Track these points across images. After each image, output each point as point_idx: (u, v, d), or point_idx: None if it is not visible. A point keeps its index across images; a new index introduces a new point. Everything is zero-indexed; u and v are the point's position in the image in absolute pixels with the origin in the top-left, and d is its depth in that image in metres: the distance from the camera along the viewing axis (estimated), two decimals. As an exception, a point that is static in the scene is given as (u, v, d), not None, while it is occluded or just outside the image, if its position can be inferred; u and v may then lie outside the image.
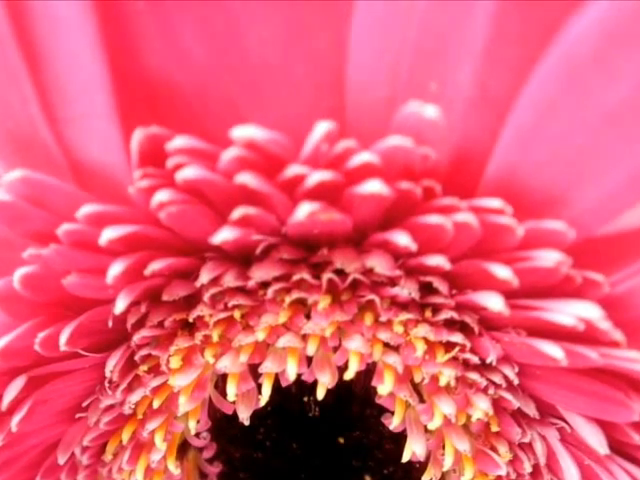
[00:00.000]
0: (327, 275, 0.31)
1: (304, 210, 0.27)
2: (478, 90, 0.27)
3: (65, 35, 0.26)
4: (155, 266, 0.30)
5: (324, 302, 0.31)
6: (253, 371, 0.34)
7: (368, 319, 0.32)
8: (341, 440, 0.41)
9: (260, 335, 0.32)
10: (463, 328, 0.33)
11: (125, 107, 0.28)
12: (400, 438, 0.37)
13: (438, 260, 0.30)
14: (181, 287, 0.32)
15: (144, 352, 0.34)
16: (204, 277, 0.31)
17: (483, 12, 0.26)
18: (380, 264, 0.30)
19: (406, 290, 0.31)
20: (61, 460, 0.37)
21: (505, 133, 0.28)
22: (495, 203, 0.28)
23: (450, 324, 0.32)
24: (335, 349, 0.33)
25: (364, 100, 0.28)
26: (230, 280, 0.31)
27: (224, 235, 0.29)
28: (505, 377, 0.33)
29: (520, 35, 0.26)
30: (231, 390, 0.34)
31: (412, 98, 0.27)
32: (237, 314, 0.32)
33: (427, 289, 0.32)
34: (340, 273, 0.31)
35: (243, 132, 0.27)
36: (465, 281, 0.31)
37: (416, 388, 0.35)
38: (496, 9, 0.26)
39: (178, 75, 0.28)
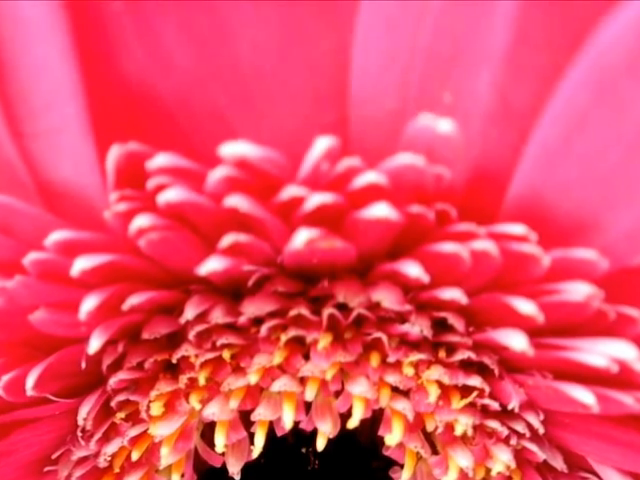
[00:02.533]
0: (328, 310, 0.30)
1: (302, 237, 0.27)
2: (498, 101, 0.27)
3: (32, 39, 0.26)
4: (134, 300, 0.30)
5: (324, 341, 0.31)
6: (244, 419, 0.34)
7: (374, 360, 0.32)
8: (344, 497, 0.41)
9: (252, 378, 0.32)
10: (481, 370, 0.32)
11: (100, 121, 0.28)
12: (410, 494, 0.36)
13: (453, 293, 0.29)
14: (163, 324, 0.32)
15: (121, 397, 0.34)
16: (189, 313, 0.31)
17: (504, 13, 0.25)
18: (388, 298, 0.30)
19: (417, 327, 0.31)
20: (28, 519, 0.37)
21: (529, 150, 0.27)
22: (518, 229, 0.28)
23: (467, 366, 0.32)
24: (337, 394, 0.33)
25: (369, 113, 0.28)
26: (218, 316, 0.31)
27: (212, 265, 0.28)
28: (529, 425, 0.33)
29: (546, 39, 0.26)
30: (220, 440, 0.33)
31: (424, 110, 0.27)
32: (226, 354, 0.32)
33: (441, 326, 0.31)
34: (343, 308, 0.31)
35: (233, 149, 0.26)
36: (484, 317, 0.31)
37: (428, 438, 0.34)
38: (519, 10, 0.25)
39: (160, 84, 0.27)
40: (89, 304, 0.29)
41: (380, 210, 0.27)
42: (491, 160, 0.28)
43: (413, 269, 0.28)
